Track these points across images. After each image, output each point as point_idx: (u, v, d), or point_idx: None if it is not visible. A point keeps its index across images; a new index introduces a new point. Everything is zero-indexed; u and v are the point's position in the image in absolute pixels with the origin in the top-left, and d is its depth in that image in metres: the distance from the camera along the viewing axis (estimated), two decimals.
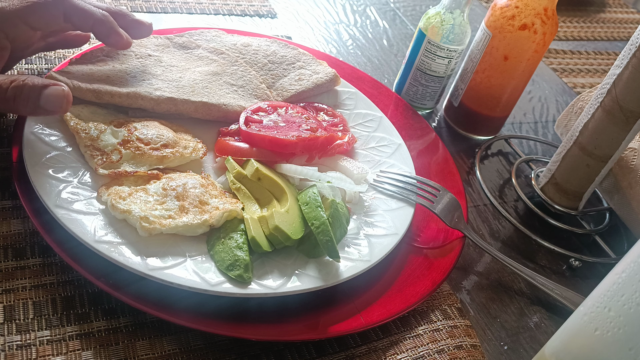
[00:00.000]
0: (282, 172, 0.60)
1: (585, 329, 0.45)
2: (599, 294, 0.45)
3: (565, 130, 0.79)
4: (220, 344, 0.49)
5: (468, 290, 0.62)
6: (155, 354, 0.47)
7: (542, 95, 0.98)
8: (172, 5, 0.89)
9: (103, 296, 0.50)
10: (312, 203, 0.55)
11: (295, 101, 0.72)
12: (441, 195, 0.63)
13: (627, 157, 0.69)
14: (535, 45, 0.71)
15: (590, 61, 1.12)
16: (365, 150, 0.70)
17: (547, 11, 0.70)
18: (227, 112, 0.65)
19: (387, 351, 0.53)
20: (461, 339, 0.55)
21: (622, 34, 1.25)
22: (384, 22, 1.03)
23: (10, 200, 0.55)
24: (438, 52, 0.76)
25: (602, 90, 0.64)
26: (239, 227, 0.53)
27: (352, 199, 0.62)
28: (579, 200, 0.71)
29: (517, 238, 0.70)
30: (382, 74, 0.90)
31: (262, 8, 0.96)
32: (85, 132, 0.57)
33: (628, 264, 0.42)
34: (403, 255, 0.60)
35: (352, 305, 0.53)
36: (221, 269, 0.50)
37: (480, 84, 0.77)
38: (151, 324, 0.49)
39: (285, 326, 0.50)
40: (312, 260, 0.54)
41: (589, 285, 0.66)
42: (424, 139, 0.76)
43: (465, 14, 0.74)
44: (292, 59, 0.75)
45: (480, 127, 0.82)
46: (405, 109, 0.79)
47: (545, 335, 0.59)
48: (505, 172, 0.80)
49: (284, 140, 0.61)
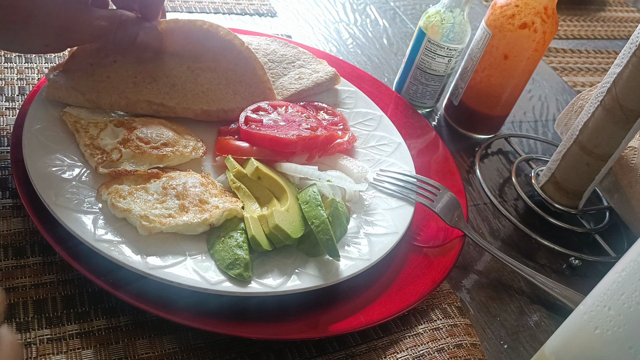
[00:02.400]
0: (282, 171, 0.60)
1: (585, 328, 0.45)
2: (599, 292, 0.45)
3: (565, 129, 0.79)
4: (220, 343, 0.49)
5: (468, 289, 0.62)
6: (155, 352, 0.47)
7: (542, 94, 0.98)
8: (171, 4, 0.89)
9: (103, 295, 0.50)
10: (312, 202, 0.55)
11: (295, 100, 0.71)
12: (441, 194, 0.63)
13: (627, 155, 0.69)
14: (535, 44, 0.71)
15: (590, 60, 1.12)
16: (365, 149, 0.70)
17: (547, 10, 0.70)
18: (227, 112, 0.65)
19: (387, 350, 0.53)
20: (461, 337, 0.55)
21: (622, 32, 1.25)
22: (384, 21, 1.03)
23: (11, 199, 0.55)
24: (438, 50, 0.76)
25: (602, 89, 0.64)
26: (239, 226, 0.53)
27: (352, 197, 0.62)
28: (579, 199, 0.71)
29: (517, 237, 0.70)
30: (382, 72, 0.90)
31: (262, 7, 0.95)
32: (85, 131, 0.57)
33: (628, 263, 0.42)
34: (403, 254, 0.60)
35: (352, 304, 0.53)
36: (221, 268, 0.50)
37: (480, 82, 0.77)
38: (151, 322, 0.49)
39: (285, 325, 0.50)
40: (312, 259, 0.54)
41: (588, 284, 0.66)
42: (424, 137, 0.76)
43: (465, 12, 0.74)
44: (292, 57, 0.75)
45: (480, 126, 0.82)
46: (405, 107, 0.79)
47: (545, 334, 0.59)
48: (505, 171, 0.80)
49: (284, 139, 0.61)
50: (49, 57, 0.71)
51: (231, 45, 0.65)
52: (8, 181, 0.56)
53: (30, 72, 0.68)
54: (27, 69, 0.68)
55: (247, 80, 0.67)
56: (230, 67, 0.66)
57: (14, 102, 0.64)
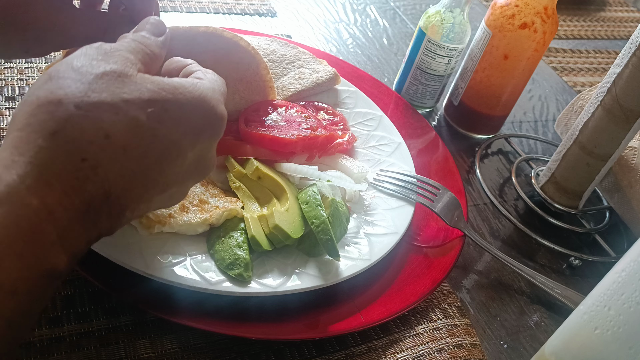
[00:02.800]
0: (282, 171, 0.60)
1: (585, 328, 0.45)
2: (599, 292, 0.45)
3: (565, 129, 0.79)
4: (220, 343, 0.49)
5: (468, 289, 0.62)
6: (155, 352, 0.47)
7: (542, 94, 0.98)
8: (171, 4, 0.89)
9: (103, 295, 0.50)
10: (312, 202, 0.55)
11: (295, 100, 0.71)
12: (441, 194, 0.63)
13: (627, 155, 0.69)
14: (535, 44, 0.71)
15: (590, 60, 1.12)
16: (365, 149, 0.70)
17: (547, 10, 0.70)
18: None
19: (387, 350, 0.53)
20: (461, 337, 0.55)
21: (622, 32, 1.25)
22: (384, 21, 1.03)
23: None
24: (438, 50, 0.76)
25: (602, 89, 0.64)
26: (238, 226, 0.53)
27: (352, 197, 0.62)
28: (579, 199, 0.71)
29: (517, 237, 0.70)
30: (382, 72, 0.90)
31: (262, 7, 0.95)
32: None
33: (628, 263, 0.42)
34: (403, 254, 0.60)
35: (352, 304, 0.53)
36: (221, 268, 0.50)
37: (480, 82, 0.77)
38: (151, 323, 0.49)
39: (285, 325, 0.50)
40: (312, 259, 0.54)
41: (588, 284, 0.66)
42: (424, 137, 0.76)
43: (465, 12, 0.74)
44: (292, 57, 0.75)
45: (480, 126, 0.82)
46: (405, 107, 0.79)
47: (545, 334, 0.59)
48: (505, 171, 0.80)
49: (284, 139, 0.61)
50: (49, 57, 0.71)
51: (236, 45, 0.65)
52: None
53: (30, 72, 0.68)
54: (27, 69, 0.68)
55: (248, 79, 0.66)
56: (232, 66, 0.66)
57: (14, 102, 0.64)
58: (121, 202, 0.36)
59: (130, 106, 0.35)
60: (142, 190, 0.37)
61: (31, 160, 0.32)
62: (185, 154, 0.39)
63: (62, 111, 0.33)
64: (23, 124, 0.33)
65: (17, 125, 0.33)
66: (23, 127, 0.33)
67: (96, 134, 0.34)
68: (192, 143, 0.40)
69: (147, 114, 0.36)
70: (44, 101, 0.34)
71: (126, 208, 0.37)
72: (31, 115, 0.33)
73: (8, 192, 0.31)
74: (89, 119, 0.34)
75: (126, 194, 0.36)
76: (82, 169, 0.33)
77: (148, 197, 0.38)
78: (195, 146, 0.40)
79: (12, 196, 0.31)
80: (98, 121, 0.34)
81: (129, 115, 0.35)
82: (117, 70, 0.36)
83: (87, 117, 0.34)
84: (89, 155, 0.33)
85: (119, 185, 0.35)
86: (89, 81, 0.35)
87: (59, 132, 0.33)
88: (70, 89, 0.34)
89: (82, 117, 0.34)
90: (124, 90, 0.36)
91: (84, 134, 0.33)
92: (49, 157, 0.32)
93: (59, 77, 0.35)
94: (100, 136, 0.34)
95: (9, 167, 0.31)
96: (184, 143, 0.39)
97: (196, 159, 0.41)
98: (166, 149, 0.38)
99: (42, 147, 0.32)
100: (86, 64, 0.36)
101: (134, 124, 0.35)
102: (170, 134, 0.37)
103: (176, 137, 0.38)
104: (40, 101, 0.34)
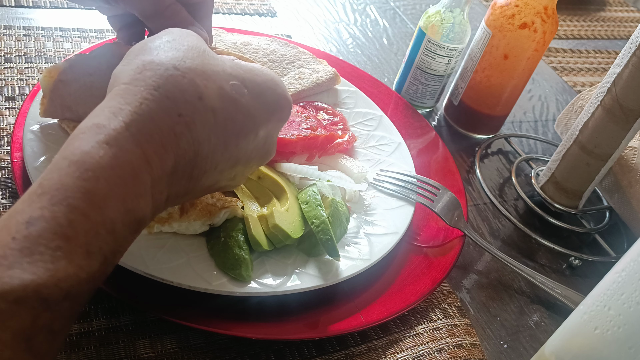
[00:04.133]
0: (282, 171, 0.60)
1: (585, 328, 0.45)
2: (599, 292, 0.45)
3: (565, 129, 0.79)
4: (220, 343, 0.49)
5: (468, 289, 0.62)
6: (155, 352, 0.47)
7: (542, 94, 0.98)
8: None
9: (103, 295, 0.50)
10: (312, 202, 0.55)
11: (295, 100, 0.71)
12: (441, 194, 0.63)
13: (627, 155, 0.69)
14: (535, 44, 0.71)
15: (590, 60, 1.12)
16: (365, 149, 0.70)
17: (547, 10, 0.70)
18: None
19: (387, 350, 0.53)
20: (461, 337, 0.55)
21: (622, 32, 1.25)
22: (384, 21, 1.03)
23: (10, 199, 0.55)
24: (438, 50, 0.76)
25: (602, 89, 0.64)
26: (238, 226, 0.53)
27: (352, 197, 0.62)
28: (579, 199, 0.71)
29: (517, 237, 0.70)
30: (382, 72, 0.90)
31: (262, 7, 0.95)
32: None
33: (628, 263, 0.42)
34: (403, 254, 0.60)
35: (352, 304, 0.53)
36: (221, 268, 0.50)
37: (480, 82, 0.77)
38: (151, 322, 0.49)
39: (285, 325, 0.50)
40: (312, 259, 0.54)
41: (588, 284, 0.66)
42: (423, 137, 0.76)
43: (465, 12, 0.74)
44: (292, 57, 0.75)
45: (480, 126, 0.82)
46: (405, 107, 0.79)
47: (545, 334, 0.59)
48: (505, 170, 0.80)
49: (284, 139, 0.61)
50: (49, 57, 0.71)
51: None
52: (8, 181, 0.56)
53: (30, 72, 0.68)
54: (27, 69, 0.68)
55: None
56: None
57: (14, 102, 0.64)
58: (203, 166, 0.39)
59: (217, 76, 0.40)
60: (220, 158, 0.40)
61: (136, 110, 0.35)
62: (257, 130, 0.42)
63: (163, 70, 0.37)
64: (130, 79, 0.37)
65: (124, 80, 0.37)
66: (130, 82, 0.37)
67: (192, 94, 0.37)
68: (265, 121, 0.43)
69: (231, 85, 0.40)
70: (148, 62, 0.38)
71: (204, 173, 0.40)
72: (137, 72, 0.37)
73: (116, 137, 0.33)
74: (185, 79, 0.37)
75: (207, 159, 0.39)
76: (179, 124, 0.36)
77: (221, 168, 0.41)
78: (266, 125, 0.43)
79: (119, 141, 0.33)
80: (193, 83, 0.38)
81: (217, 83, 0.39)
82: (202, 47, 0.41)
83: (184, 78, 0.37)
84: (185, 112, 0.37)
85: (205, 148, 0.38)
86: (183, 50, 0.39)
87: (160, 87, 0.36)
88: (169, 54, 0.38)
89: (180, 77, 0.37)
90: (211, 62, 0.40)
91: (182, 92, 0.37)
92: (151, 109, 0.36)
93: (156, 47, 0.39)
94: (195, 96, 0.37)
95: (116, 113, 0.34)
96: (258, 119, 0.42)
97: (264, 138, 0.44)
98: (244, 121, 0.41)
99: (146, 99, 0.36)
100: (177, 38, 0.40)
101: (221, 92, 0.39)
102: (249, 107, 0.41)
103: (253, 111, 0.41)
104: (145, 62, 0.38)
